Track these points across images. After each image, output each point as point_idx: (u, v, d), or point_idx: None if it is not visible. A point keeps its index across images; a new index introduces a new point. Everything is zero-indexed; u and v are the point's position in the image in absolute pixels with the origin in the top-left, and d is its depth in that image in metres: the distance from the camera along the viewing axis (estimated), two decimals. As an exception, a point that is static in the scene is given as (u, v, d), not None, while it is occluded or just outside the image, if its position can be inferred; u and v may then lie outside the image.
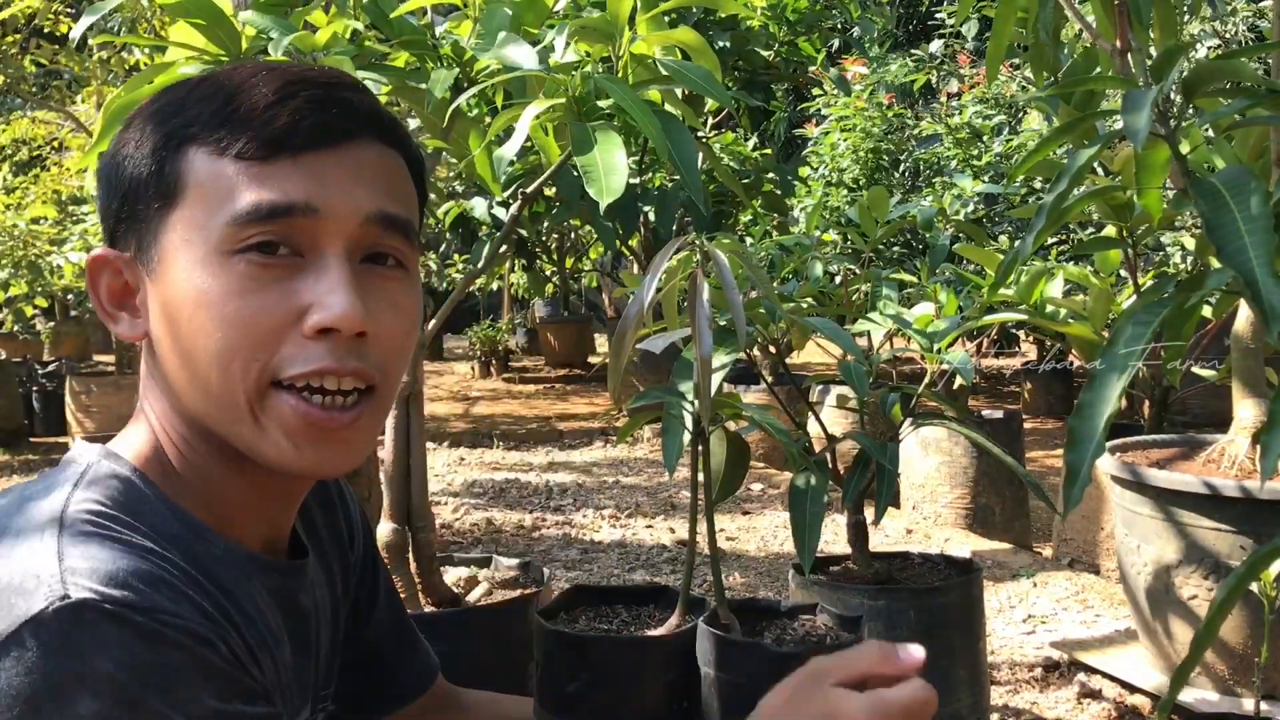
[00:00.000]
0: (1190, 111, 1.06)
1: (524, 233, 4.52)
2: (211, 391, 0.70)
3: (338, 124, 0.72)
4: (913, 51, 6.92)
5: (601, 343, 10.60)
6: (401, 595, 2.12)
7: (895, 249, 4.80)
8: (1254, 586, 1.69)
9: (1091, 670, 2.63)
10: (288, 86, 0.71)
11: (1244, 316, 2.35)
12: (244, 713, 0.64)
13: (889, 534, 4.03)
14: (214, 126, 0.70)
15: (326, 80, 0.73)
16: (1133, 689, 2.51)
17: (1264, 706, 2.13)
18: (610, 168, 1.40)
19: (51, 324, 8.73)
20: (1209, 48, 5.29)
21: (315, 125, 0.70)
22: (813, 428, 2.15)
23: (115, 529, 0.66)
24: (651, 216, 4.27)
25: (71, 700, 0.58)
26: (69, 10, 7.04)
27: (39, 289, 6.05)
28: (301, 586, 0.82)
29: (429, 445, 5.04)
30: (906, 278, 3.01)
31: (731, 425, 1.69)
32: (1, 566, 0.63)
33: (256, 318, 0.68)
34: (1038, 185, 4.53)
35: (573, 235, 8.71)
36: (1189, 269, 3.63)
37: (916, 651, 0.68)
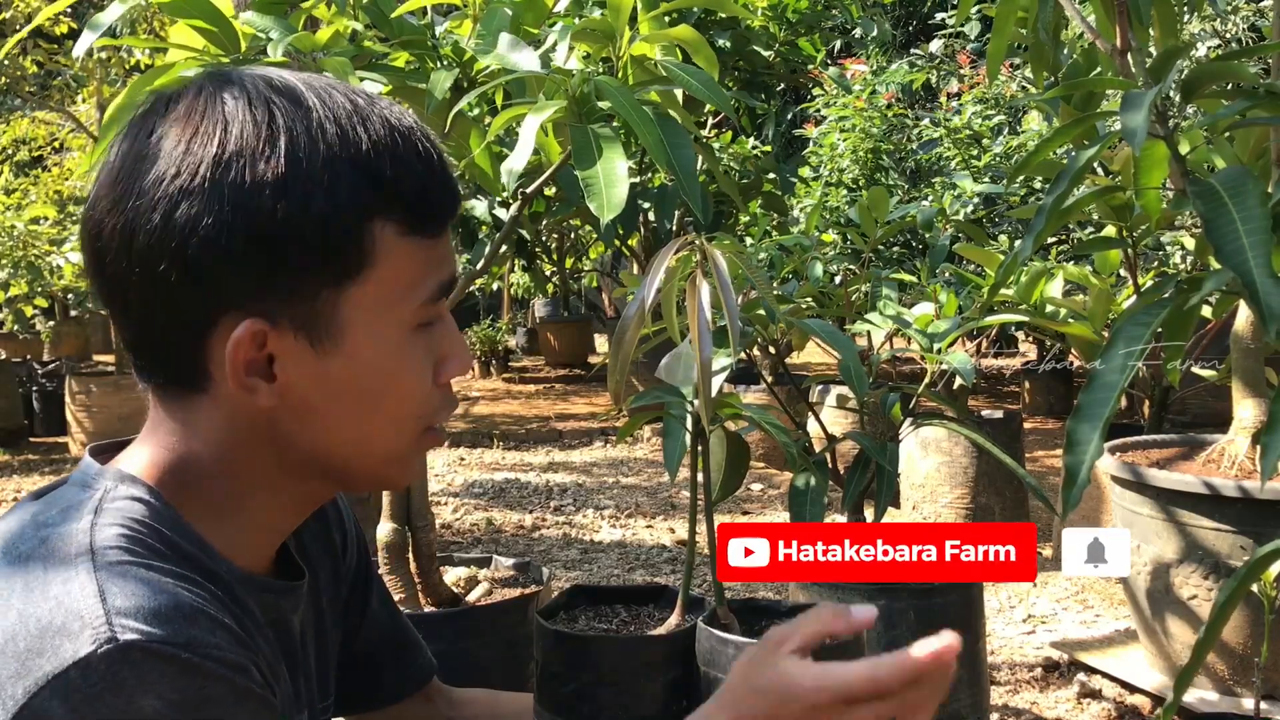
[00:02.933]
0: (1190, 111, 1.06)
1: (524, 233, 4.52)
2: (376, 449, 0.75)
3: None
4: (913, 51, 6.92)
5: (601, 343, 10.59)
6: (401, 595, 2.13)
7: (895, 249, 4.79)
8: (1254, 587, 1.69)
9: (1091, 670, 2.63)
10: (427, 154, 0.72)
11: (1244, 316, 2.35)
12: None
13: (889, 534, 4.03)
14: (392, 201, 0.70)
15: (432, 138, 0.74)
16: (1133, 689, 2.51)
17: (1264, 706, 2.13)
18: (611, 179, 1.38)
19: (51, 324, 8.72)
20: (1209, 48, 5.28)
21: (455, 196, 0.75)
22: (813, 428, 2.15)
23: (147, 557, 0.66)
24: (651, 215, 4.28)
25: None
26: (67, 10, 7.04)
27: (39, 289, 6.05)
28: (294, 607, 0.82)
29: (429, 445, 5.03)
30: (906, 278, 3.00)
31: (731, 425, 1.69)
32: (38, 604, 0.62)
33: (425, 384, 0.75)
34: (1038, 185, 4.53)
35: (573, 235, 8.71)
36: (1189, 269, 3.63)
37: (868, 612, 0.70)
